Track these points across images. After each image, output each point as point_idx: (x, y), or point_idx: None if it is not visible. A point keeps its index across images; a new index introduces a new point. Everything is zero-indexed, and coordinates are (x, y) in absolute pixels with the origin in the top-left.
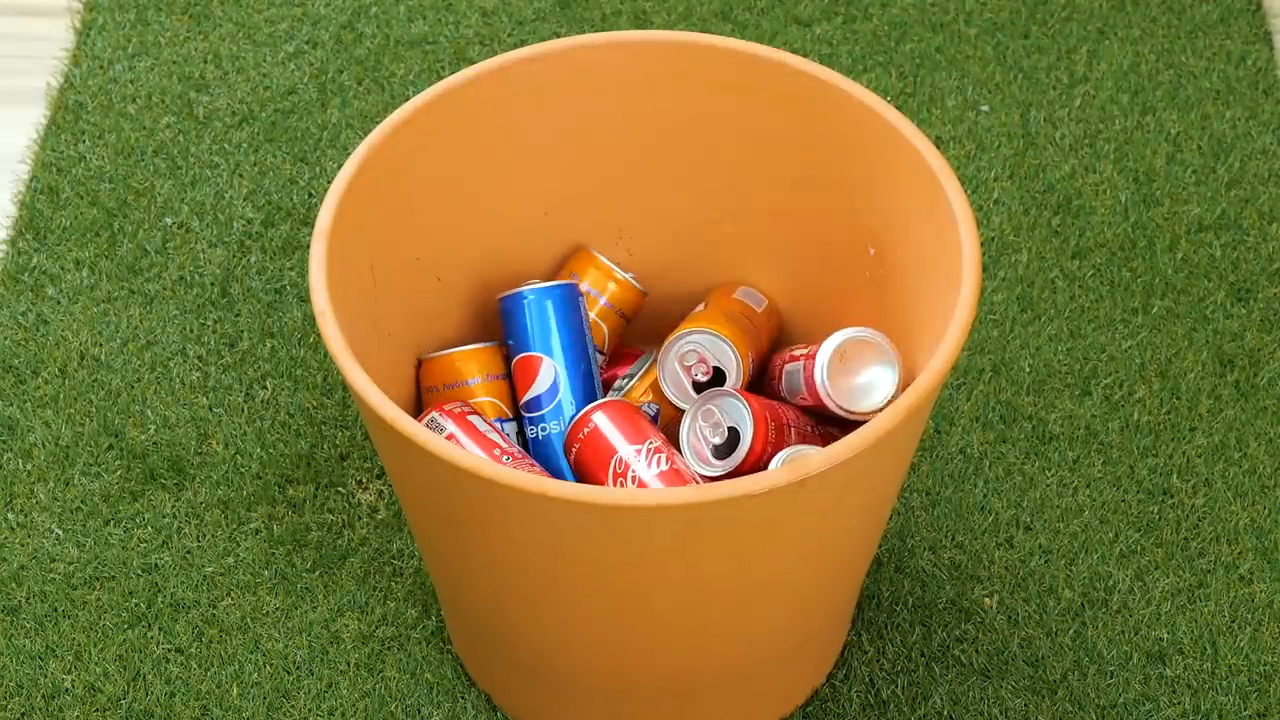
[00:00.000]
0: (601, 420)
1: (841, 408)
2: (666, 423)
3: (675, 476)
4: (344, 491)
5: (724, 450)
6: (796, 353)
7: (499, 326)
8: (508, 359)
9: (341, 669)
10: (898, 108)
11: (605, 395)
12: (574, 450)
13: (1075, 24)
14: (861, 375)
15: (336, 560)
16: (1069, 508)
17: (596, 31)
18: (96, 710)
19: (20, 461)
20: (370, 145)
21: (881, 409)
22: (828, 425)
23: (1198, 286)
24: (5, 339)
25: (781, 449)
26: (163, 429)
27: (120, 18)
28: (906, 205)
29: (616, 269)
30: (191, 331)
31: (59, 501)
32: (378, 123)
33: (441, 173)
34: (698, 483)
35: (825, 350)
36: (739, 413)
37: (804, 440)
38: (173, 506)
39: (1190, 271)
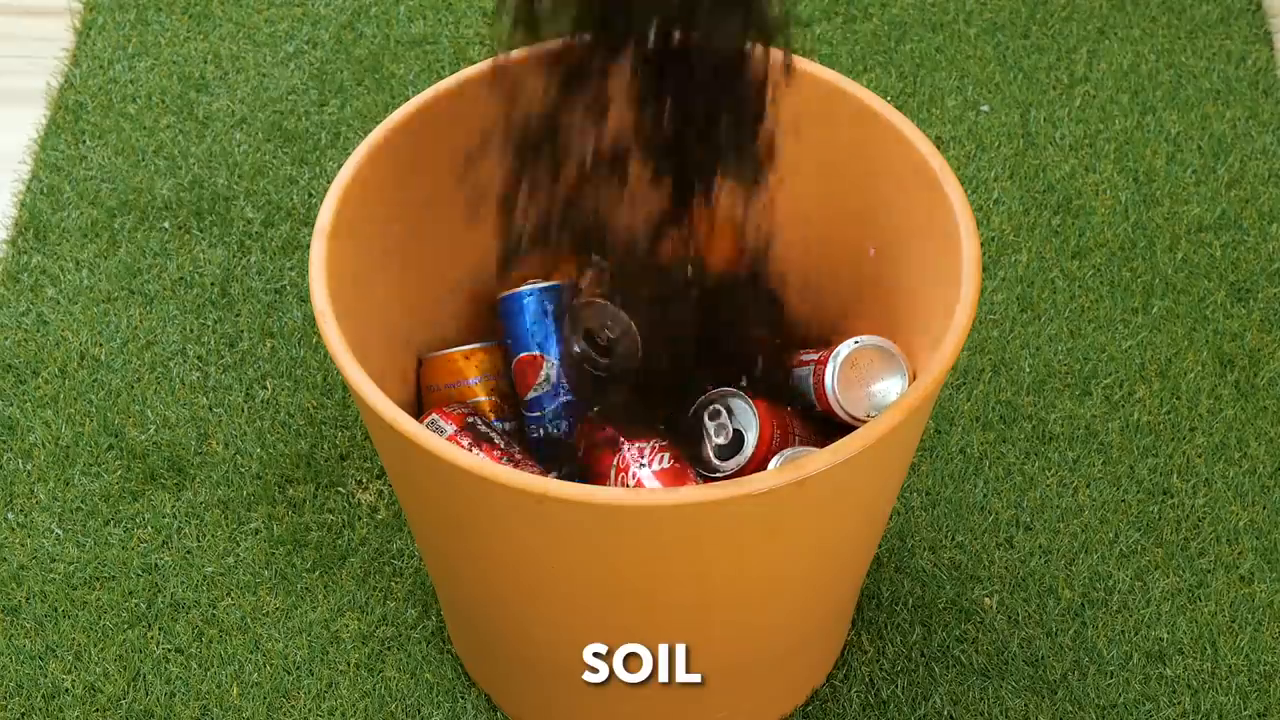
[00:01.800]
0: None
1: (851, 415)
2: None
3: (675, 475)
4: (344, 491)
5: (727, 451)
6: (805, 357)
7: (499, 326)
8: (508, 359)
9: (341, 669)
10: (898, 108)
11: None
12: (582, 445)
13: (1075, 24)
14: (872, 383)
15: (336, 560)
16: (1069, 508)
17: None
18: (96, 710)
19: (20, 461)
20: (370, 145)
21: None
22: (831, 430)
23: (1198, 286)
24: (5, 339)
25: None
26: (163, 429)
27: (120, 18)
28: (906, 205)
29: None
30: (191, 331)
31: (59, 501)
32: (378, 123)
33: (441, 172)
34: (697, 482)
35: (836, 358)
36: (746, 416)
37: (806, 445)
38: (173, 506)
39: (1190, 271)
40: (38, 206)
